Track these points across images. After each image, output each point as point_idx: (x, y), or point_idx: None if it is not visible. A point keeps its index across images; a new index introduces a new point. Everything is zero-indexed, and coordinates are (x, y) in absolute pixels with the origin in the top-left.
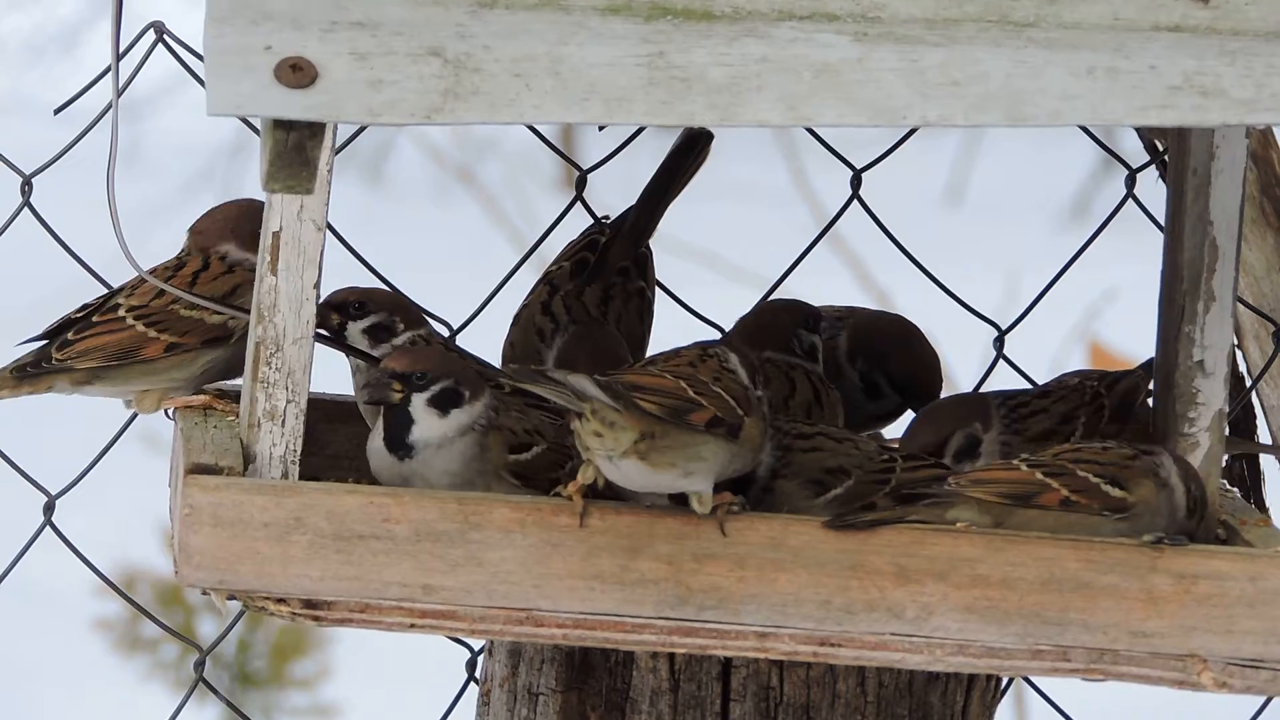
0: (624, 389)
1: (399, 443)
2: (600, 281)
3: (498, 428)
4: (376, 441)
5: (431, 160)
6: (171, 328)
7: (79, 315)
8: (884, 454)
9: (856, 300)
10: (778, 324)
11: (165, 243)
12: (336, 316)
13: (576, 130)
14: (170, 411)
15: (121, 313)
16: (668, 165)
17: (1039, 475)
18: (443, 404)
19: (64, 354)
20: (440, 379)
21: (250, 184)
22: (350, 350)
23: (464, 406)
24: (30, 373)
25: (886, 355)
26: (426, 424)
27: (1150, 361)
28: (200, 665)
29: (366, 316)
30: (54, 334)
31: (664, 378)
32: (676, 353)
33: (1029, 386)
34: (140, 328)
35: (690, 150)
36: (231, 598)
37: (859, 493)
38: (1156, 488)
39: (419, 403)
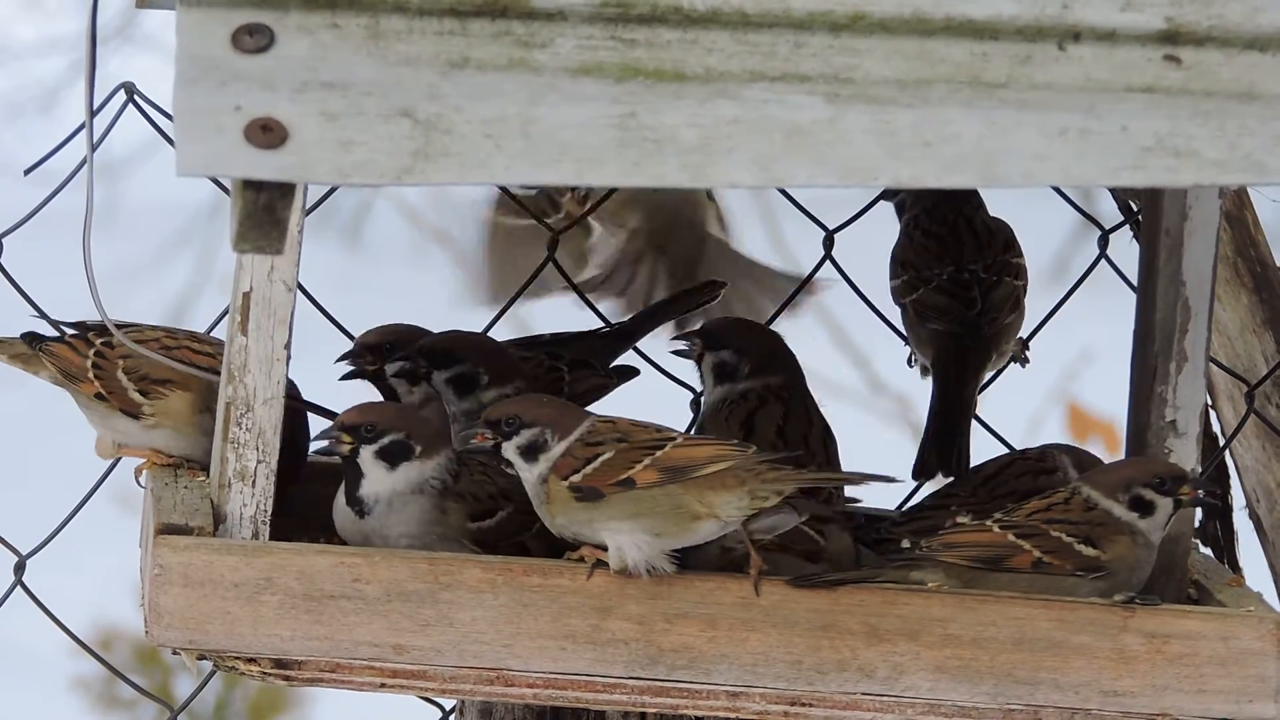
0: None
1: (353, 498)
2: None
3: (458, 494)
4: (340, 499)
5: (409, 222)
6: (106, 380)
7: (90, 326)
8: None
9: (839, 365)
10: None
11: (144, 303)
12: (425, 363)
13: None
14: (140, 477)
15: (94, 340)
16: (674, 298)
17: (1011, 537)
18: (390, 457)
19: (44, 347)
20: (389, 432)
21: (228, 246)
22: (317, 410)
23: (413, 461)
24: (35, 347)
25: (728, 334)
26: (375, 477)
27: None
28: None
29: (452, 367)
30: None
31: None
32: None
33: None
34: (90, 360)
35: (699, 293)
36: (202, 657)
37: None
38: (1132, 541)
39: (366, 455)
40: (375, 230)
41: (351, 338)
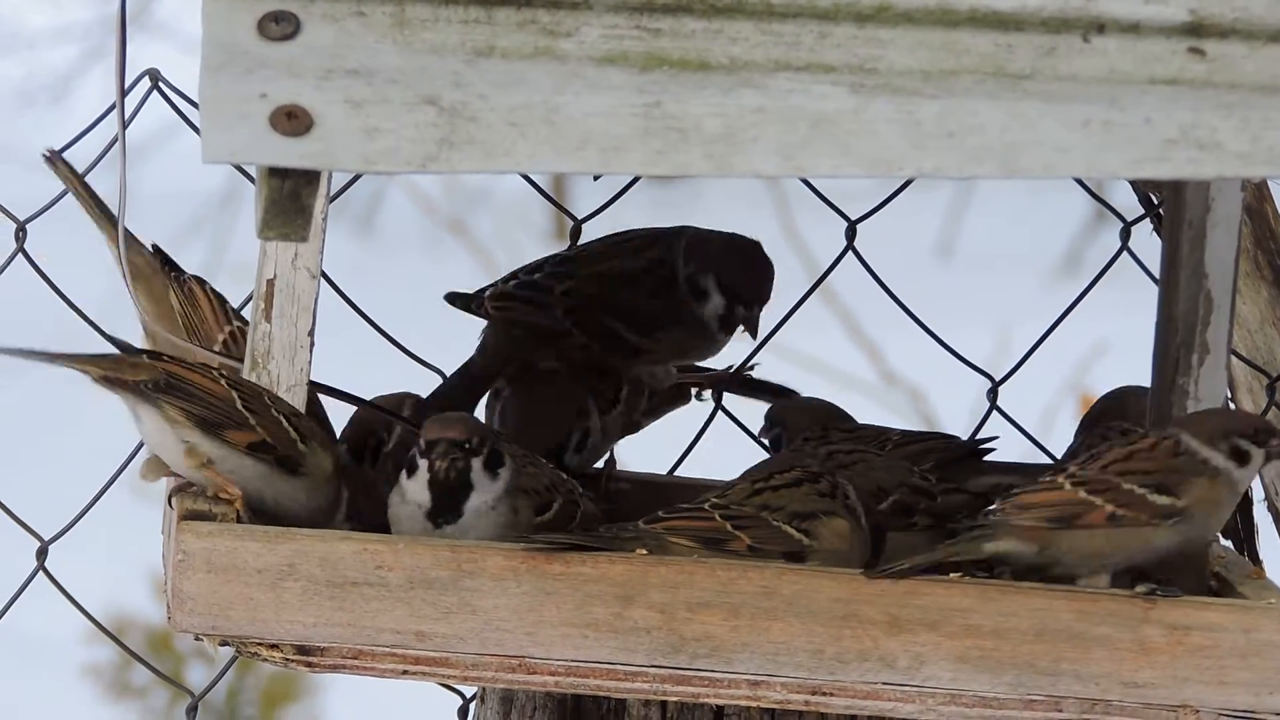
0: None
1: (448, 509)
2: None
3: (524, 490)
4: (409, 509)
5: (422, 211)
6: (265, 422)
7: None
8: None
9: (853, 357)
10: None
11: None
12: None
13: (569, 180)
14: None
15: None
16: None
17: (1083, 494)
18: (493, 465)
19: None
20: (485, 440)
21: (240, 234)
22: (341, 396)
23: (507, 465)
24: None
25: (714, 257)
26: (483, 488)
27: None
28: (192, 711)
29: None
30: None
31: None
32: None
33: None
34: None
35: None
36: (224, 643)
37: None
38: (1210, 482)
39: (476, 467)
40: (388, 219)
41: (373, 323)
